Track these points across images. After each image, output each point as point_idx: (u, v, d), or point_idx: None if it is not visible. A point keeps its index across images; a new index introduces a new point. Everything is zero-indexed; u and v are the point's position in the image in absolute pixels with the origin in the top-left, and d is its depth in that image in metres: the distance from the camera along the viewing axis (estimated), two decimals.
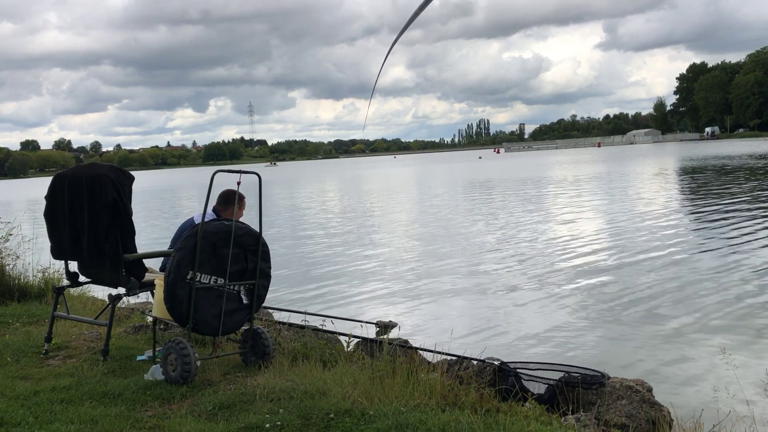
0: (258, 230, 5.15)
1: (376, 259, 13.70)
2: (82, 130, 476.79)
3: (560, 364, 5.26)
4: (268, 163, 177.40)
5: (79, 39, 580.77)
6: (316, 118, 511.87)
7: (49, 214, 5.71)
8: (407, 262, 13.09)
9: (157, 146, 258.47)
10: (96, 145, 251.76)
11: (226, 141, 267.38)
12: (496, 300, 9.45)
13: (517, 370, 5.06)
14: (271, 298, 6.47)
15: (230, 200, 5.87)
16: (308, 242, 17.06)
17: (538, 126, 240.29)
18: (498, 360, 5.36)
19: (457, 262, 12.70)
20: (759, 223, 14.94)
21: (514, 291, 9.92)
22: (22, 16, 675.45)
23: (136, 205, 5.76)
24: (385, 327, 6.92)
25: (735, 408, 4.78)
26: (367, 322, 6.94)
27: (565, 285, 10.10)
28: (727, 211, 17.49)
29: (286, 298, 10.06)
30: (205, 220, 5.04)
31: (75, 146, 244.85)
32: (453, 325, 8.04)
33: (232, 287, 5.03)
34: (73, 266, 5.87)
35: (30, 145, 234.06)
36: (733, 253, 11.69)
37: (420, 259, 13.26)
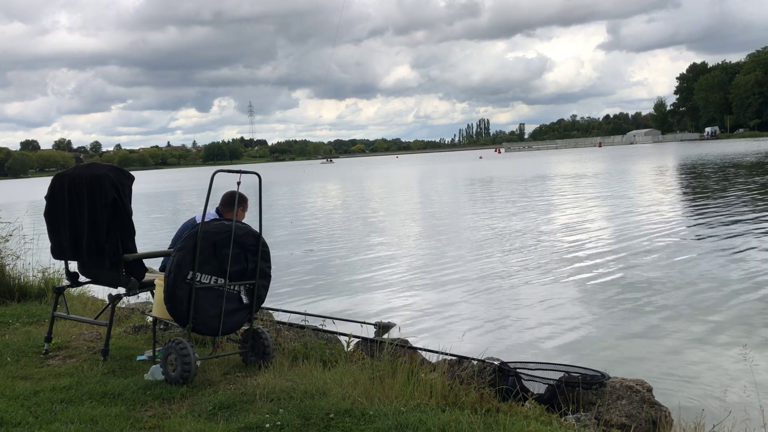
0: (258, 230, 5.16)
1: (376, 258, 13.69)
2: (85, 130, 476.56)
3: (560, 364, 5.26)
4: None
5: (88, 40, 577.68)
6: (319, 118, 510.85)
7: (49, 214, 5.71)
8: (408, 261, 13.08)
9: (157, 146, 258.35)
10: (96, 145, 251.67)
11: (227, 141, 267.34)
12: (496, 300, 9.45)
13: (517, 370, 5.06)
14: (271, 297, 6.47)
15: (232, 201, 5.87)
16: (310, 242, 17.06)
17: (538, 126, 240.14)
18: (498, 360, 5.36)
19: (458, 261, 12.68)
20: (759, 223, 14.94)
21: (514, 291, 9.91)
22: (33, 17, 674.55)
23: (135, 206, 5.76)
24: (383, 328, 6.92)
25: (735, 408, 4.77)
26: (367, 323, 6.95)
27: (565, 285, 10.09)
28: (728, 211, 17.48)
29: (287, 298, 10.05)
30: (207, 219, 5.05)
31: (76, 146, 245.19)
32: (453, 324, 8.05)
33: (232, 287, 5.03)
34: (73, 266, 5.87)
35: (30, 145, 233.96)
36: (734, 253, 11.68)
37: (421, 259, 13.25)
